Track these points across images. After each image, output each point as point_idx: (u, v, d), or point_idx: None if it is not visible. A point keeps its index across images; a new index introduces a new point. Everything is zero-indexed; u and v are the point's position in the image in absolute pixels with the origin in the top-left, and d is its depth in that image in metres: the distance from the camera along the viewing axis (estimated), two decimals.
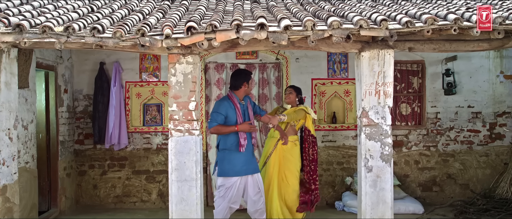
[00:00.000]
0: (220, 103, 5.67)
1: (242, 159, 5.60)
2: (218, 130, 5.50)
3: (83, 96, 8.05)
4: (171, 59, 4.97)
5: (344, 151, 8.09)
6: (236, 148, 5.57)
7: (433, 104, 8.19)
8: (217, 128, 5.48)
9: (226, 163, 5.57)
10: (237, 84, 5.72)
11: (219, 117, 5.50)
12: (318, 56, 8.04)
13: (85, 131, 8.04)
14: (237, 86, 5.72)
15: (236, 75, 5.82)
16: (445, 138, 8.19)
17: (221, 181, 5.63)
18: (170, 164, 4.99)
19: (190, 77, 4.96)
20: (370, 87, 4.99)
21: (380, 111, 5.00)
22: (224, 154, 5.61)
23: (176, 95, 4.97)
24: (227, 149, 5.60)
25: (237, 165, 5.57)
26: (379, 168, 5.00)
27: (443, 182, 8.18)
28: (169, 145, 5.00)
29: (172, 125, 4.98)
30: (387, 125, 5.00)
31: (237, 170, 5.57)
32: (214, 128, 5.49)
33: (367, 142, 5.00)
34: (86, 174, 8.03)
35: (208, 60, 8.06)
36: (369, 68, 4.97)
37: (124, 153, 8.03)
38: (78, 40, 4.56)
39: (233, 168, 5.56)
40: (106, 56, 8.00)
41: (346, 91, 8.14)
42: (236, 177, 5.58)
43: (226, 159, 5.59)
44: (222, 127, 5.49)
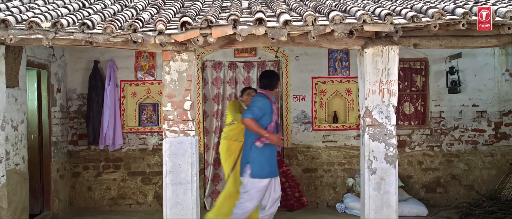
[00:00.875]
0: (261, 99, 5.53)
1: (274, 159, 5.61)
2: (251, 124, 5.31)
3: (77, 96, 7.82)
4: (165, 57, 4.74)
5: (345, 151, 7.87)
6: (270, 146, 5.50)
7: (437, 103, 7.97)
8: (252, 121, 5.29)
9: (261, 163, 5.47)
10: (273, 83, 5.68)
11: (257, 112, 5.36)
12: (319, 54, 7.82)
13: (79, 132, 7.81)
14: (273, 85, 5.69)
15: (270, 75, 5.76)
16: (449, 138, 7.97)
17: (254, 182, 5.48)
18: (164, 166, 4.78)
19: (185, 75, 4.74)
20: (373, 85, 4.76)
21: (384, 110, 4.77)
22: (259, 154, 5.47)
23: (171, 94, 4.75)
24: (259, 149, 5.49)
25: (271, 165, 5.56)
26: (383, 170, 4.77)
27: (447, 183, 7.96)
28: (163, 146, 4.78)
29: (166, 125, 4.76)
30: (392, 125, 4.78)
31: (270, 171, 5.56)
32: (249, 120, 5.29)
33: (371, 143, 4.77)
34: (80, 176, 7.80)
35: (205, 58, 7.83)
36: (373, 66, 4.75)
37: (119, 154, 7.81)
38: (66, 37, 4.34)
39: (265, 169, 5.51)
40: (101, 54, 7.77)
41: (348, 90, 7.92)
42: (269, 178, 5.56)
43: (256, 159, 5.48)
44: (255, 122, 5.31)
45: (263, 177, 5.43)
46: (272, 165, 5.54)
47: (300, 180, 7.59)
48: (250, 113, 5.29)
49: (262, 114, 5.37)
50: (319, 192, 7.81)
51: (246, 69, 7.79)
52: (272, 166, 5.55)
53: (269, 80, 5.66)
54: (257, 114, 5.31)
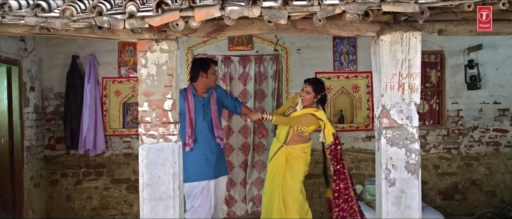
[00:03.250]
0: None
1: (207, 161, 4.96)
2: None
3: (54, 95, 7.04)
4: (140, 46, 3.95)
5: (353, 155, 7.08)
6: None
7: (454, 100, 7.18)
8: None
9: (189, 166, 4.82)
10: (193, 74, 4.99)
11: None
12: (323, 47, 7.04)
13: (56, 135, 7.03)
14: (194, 76, 4.99)
15: (192, 64, 5.13)
16: (468, 139, 7.18)
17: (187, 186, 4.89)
18: (140, 178, 3.98)
19: (165, 69, 3.94)
20: (392, 79, 3.96)
21: (404, 109, 3.98)
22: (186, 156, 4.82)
23: (148, 92, 3.95)
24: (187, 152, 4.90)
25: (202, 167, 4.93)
26: (404, 182, 3.97)
27: (466, 189, 7.18)
28: (139, 154, 3.98)
29: (143, 129, 3.96)
30: (414, 127, 3.98)
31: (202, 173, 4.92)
32: None
33: (389, 149, 3.97)
34: (58, 184, 7.02)
35: (196, 52, 7.05)
36: (391, 56, 3.95)
37: (101, 159, 7.02)
38: (16, 21, 3.54)
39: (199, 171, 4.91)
40: (80, 49, 7.00)
41: (355, 86, 7.12)
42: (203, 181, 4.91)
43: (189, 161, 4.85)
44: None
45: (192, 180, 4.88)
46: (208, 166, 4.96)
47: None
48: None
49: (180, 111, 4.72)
50: (323, 200, 7.02)
51: (242, 64, 7.02)
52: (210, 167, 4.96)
53: (191, 70, 5.07)
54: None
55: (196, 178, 4.86)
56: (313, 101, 5.24)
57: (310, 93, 5.20)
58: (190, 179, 4.81)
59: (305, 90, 5.22)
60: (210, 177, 4.93)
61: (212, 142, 4.96)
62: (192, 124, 4.82)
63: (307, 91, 5.20)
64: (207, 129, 4.93)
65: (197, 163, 4.87)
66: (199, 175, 4.88)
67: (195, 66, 5.01)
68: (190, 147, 4.81)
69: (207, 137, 4.93)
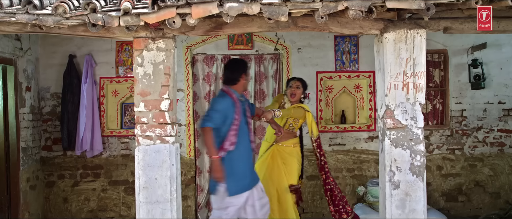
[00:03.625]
0: (219, 99, 4.56)
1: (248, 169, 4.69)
2: (207, 134, 4.33)
3: (50, 95, 6.91)
4: (137, 45, 3.83)
5: (355, 155, 6.95)
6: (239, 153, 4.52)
7: (457, 100, 7.05)
8: (209, 131, 4.33)
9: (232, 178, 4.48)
10: (234, 76, 4.61)
11: (216, 116, 4.36)
12: (324, 46, 6.91)
13: (53, 136, 6.91)
14: (235, 79, 4.61)
15: (232, 66, 4.71)
16: (472, 140, 7.04)
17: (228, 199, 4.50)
18: (137, 181, 3.86)
19: (161, 68, 3.82)
20: (396, 78, 3.84)
21: (409, 109, 3.86)
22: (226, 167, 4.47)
23: (144, 92, 3.83)
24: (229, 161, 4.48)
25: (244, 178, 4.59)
26: (408, 184, 3.85)
27: (470, 191, 7.04)
28: (135, 156, 3.87)
29: (139, 130, 3.85)
30: (419, 128, 3.86)
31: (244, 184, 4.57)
32: (207, 129, 4.33)
33: (393, 150, 3.86)
34: (55, 186, 6.90)
35: (195, 52, 6.93)
36: (395, 54, 3.83)
37: (99, 161, 6.90)
38: (7, 19, 3.42)
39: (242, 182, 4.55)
40: (77, 48, 6.87)
41: (357, 86, 6.99)
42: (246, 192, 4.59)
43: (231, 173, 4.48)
44: (209, 136, 4.34)
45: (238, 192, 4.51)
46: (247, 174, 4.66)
47: (304, 189, 6.67)
48: (204, 120, 4.37)
49: (224, 118, 4.42)
50: (324, 202, 6.86)
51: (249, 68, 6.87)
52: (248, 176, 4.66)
53: (230, 73, 4.63)
54: (213, 118, 4.36)
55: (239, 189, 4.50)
56: (300, 97, 5.49)
57: (300, 88, 5.46)
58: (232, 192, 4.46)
59: (294, 86, 5.45)
60: (249, 187, 4.61)
61: (249, 148, 4.69)
62: (237, 129, 4.47)
63: (297, 86, 5.45)
64: (248, 135, 4.65)
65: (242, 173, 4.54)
66: (242, 187, 4.53)
67: (235, 67, 4.67)
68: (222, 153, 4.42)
69: (248, 143, 4.64)
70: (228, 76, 4.64)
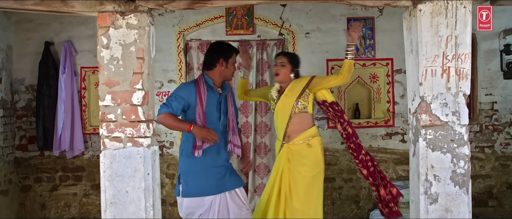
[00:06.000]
0: (184, 85, 3.80)
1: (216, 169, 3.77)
2: (165, 121, 3.49)
3: (25, 88, 6.12)
4: (101, 21, 3.02)
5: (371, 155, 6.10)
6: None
7: (488, 91, 6.21)
8: (166, 117, 3.49)
9: (193, 176, 3.69)
10: (209, 60, 3.84)
11: (175, 103, 3.57)
12: (335, 30, 6.08)
13: (29, 134, 6.12)
14: (210, 63, 3.83)
15: (210, 48, 3.92)
16: (504, 136, 6.22)
17: (186, 203, 3.70)
18: (102, 195, 3.05)
19: (133, 50, 3.00)
20: (433, 62, 3.01)
21: (450, 102, 3.03)
22: (190, 164, 3.72)
23: (111, 81, 3.01)
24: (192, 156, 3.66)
25: (210, 179, 3.71)
26: (449, 198, 3.02)
27: (502, 194, 6.22)
28: (101, 162, 3.05)
29: (105, 130, 3.03)
30: (462, 125, 3.04)
31: (210, 185, 3.70)
32: (162, 116, 3.50)
33: (430, 154, 3.02)
34: (32, 190, 6.12)
35: (189, 37, 6.11)
36: (432, 31, 2.99)
37: (81, 162, 6.11)
38: None
39: (205, 183, 3.68)
40: (55, 34, 6.08)
41: (373, 76, 6.16)
42: (210, 196, 3.69)
43: (192, 170, 3.70)
44: (172, 118, 3.51)
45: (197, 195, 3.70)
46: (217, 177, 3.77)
47: None
48: (165, 106, 3.58)
49: (186, 102, 3.66)
50: (337, 207, 6.09)
51: (242, 50, 6.04)
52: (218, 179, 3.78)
53: (207, 56, 3.88)
54: (170, 104, 3.58)
55: (197, 192, 3.73)
56: (289, 76, 4.33)
57: (286, 65, 4.31)
58: (190, 193, 3.72)
59: (279, 63, 4.33)
60: (215, 191, 3.78)
61: (223, 148, 3.87)
62: (204, 122, 3.71)
63: (281, 63, 4.31)
64: (220, 133, 3.81)
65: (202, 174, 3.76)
66: (204, 189, 3.74)
67: (214, 50, 3.94)
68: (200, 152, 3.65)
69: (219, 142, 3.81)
70: (204, 59, 3.90)
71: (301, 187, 4.16)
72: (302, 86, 4.22)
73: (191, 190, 3.67)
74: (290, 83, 4.32)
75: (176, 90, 3.71)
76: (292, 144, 4.24)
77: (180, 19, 6.01)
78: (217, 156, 3.79)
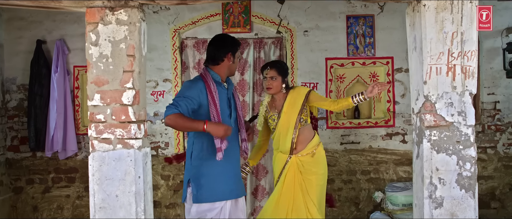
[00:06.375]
0: (188, 83, 3.51)
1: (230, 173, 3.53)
2: (175, 122, 3.22)
3: (17, 87, 5.99)
4: (90, 17, 2.87)
5: (370, 155, 5.99)
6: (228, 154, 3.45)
7: (490, 90, 6.09)
8: (176, 118, 3.21)
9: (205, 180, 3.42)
10: (216, 54, 3.55)
11: (184, 103, 3.28)
12: (334, 28, 5.95)
13: (20, 134, 5.98)
14: (217, 58, 3.55)
15: (216, 42, 3.63)
16: (506, 137, 6.10)
17: (196, 209, 3.44)
18: (91, 199, 2.92)
19: (123, 48, 2.86)
20: (438, 60, 2.88)
21: (455, 101, 2.89)
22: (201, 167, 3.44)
23: (100, 80, 2.87)
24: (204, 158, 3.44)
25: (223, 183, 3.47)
26: (455, 202, 2.89)
27: (505, 196, 6.11)
28: (89, 165, 2.92)
29: (94, 131, 2.89)
30: (468, 126, 2.90)
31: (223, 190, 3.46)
32: (171, 117, 3.20)
33: (434, 156, 2.88)
34: (24, 192, 5.98)
35: (184, 36, 5.97)
36: (437, 27, 2.86)
37: (74, 163, 5.97)
38: None
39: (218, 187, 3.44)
40: (47, 32, 5.95)
41: (373, 75, 6.03)
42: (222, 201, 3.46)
43: (204, 174, 3.43)
44: (182, 118, 3.23)
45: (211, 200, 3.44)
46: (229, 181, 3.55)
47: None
48: (169, 107, 3.29)
49: (197, 102, 3.40)
50: (336, 209, 5.95)
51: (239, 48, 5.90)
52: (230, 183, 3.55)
53: (212, 49, 3.59)
54: (179, 105, 3.30)
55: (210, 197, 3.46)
56: (281, 87, 4.22)
57: (276, 78, 4.18)
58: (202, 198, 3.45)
59: (268, 77, 4.19)
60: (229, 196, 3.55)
61: (236, 148, 3.66)
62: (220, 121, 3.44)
63: (272, 77, 4.18)
64: (233, 131, 3.56)
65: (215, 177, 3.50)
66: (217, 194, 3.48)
67: (220, 44, 3.63)
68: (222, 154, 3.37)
69: (232, 141, 3.57)
70: (210, 53, 3.61)
71: (315, 196, 4.17)
72: (301, 102, 4.17)
73: (204, 195, 3.41)
74: (286, 97, 4.24)
75: (184, 89, 3.42)
76: (301, 156, 4.22)
77: (175, 16, 5.87)
78: (231, 157, 3.54)
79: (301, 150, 4.20)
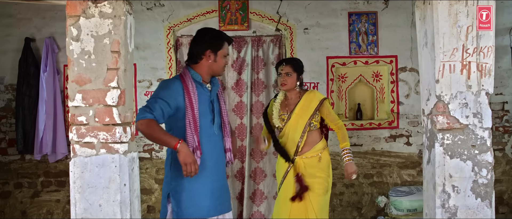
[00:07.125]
0: (166, 83, 3.16)
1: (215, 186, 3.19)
2: (147, 130, 2.89)
3: (5, 87, 5.76)
4: (71, 10, 2.64)
5: (373, 158, 5.78)
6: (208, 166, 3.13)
7: (497, 90, 5.89)
8: (149, 124, 2.89)
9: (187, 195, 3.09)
10: (194, 51, 3.20)
11: (159, 107, 2.95)
12: (336, 25, 5.73)
13: (8, 136, 5.75)
14: (195, 55, 3.20)
15: (195, 37, 3.29)
16: None
17: None
18: (72, 209, 2.69)
19: (107, 43, 2.62)
20: (451, 56, 2.64)
21: (471, 102, 2.66)
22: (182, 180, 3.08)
23: (82, 78, 2.63)
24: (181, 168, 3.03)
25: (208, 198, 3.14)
26: (470, 211, 2.66)
27: None
28: (70, 172, 2.68)
29: (75, 134, 2.64)
30: (485, 129, 2.67)
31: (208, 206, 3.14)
32: (143, 123, 2.87)
33: (447, 162, 2.65)
34: (12, 196, 5.75)
35: (179, 33, 5.76)
36: (450, 21, 2.63)
37: (64, 166, 5.75)
38: None
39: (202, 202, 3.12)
40: (36, 30, 5.72)
41: (376, 74, 5.81)
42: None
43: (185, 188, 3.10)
44: (155, 128, 2.91)
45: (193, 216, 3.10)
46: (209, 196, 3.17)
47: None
48: (147, 110, 2.98)
49: (173, 110, 3.08)
50: (338, 214, 5.76)
51: (236, 47, 5.70)
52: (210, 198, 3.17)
53: (192, 46, 3.25)
54: (153, 108, 2.98)
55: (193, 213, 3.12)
56: (295, 84, 4.17)
57: (291, 74, 4.12)
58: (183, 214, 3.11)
59: (283, 73, 4.12)
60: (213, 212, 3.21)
61: (221, 158, 3.30)
62: (196, 129, 3.09)
63: (287, 73, 4.11)
64: (216, 138, 3.25)
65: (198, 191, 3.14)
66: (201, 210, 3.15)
67: (198, 40, 3.25)
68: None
69: (215, 150, 3.24)
70: (189, 50, 3.29)
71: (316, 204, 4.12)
72: (314, 107, 4.13)
73: (186, 211, 3.07)
74: (300, 99, 4.17)
75: (159, 89, 3.08)
76: (305, 157, 4.15)
77: (170, 13, 5.65)
78: (215, 168, 3.21)
79: (306, 152, 4.12)
